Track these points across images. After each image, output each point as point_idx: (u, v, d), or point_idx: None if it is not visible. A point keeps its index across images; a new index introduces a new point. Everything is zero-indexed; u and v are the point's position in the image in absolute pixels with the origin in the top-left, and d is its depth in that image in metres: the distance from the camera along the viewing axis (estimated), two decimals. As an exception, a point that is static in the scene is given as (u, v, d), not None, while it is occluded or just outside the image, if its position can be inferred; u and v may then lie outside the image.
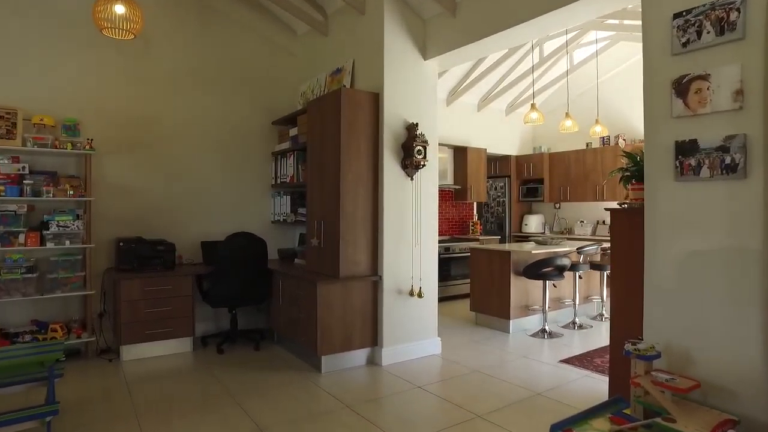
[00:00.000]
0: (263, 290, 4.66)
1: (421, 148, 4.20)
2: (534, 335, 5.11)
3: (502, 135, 8.60)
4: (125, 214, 4.61)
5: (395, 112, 4.22)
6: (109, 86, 4.55)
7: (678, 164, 2.54)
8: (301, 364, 4.14)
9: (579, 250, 5.36)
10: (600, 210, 7.87)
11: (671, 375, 2.43)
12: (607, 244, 5.99)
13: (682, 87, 2.51)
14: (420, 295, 4.26)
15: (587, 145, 7.87)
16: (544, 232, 8.41)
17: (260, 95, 5.48)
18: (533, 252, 5.01)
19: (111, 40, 4.41)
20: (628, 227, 3.04)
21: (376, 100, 4.18)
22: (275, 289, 4.62)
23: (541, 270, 4.96)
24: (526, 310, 5.35)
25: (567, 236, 7.74)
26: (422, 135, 4.23)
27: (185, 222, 4.97)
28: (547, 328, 5.13)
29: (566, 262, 4.97)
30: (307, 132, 4.60)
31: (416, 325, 4.34)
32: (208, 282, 4.56)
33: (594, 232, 7.82)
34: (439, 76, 6.69)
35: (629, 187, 3.18)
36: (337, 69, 4.84)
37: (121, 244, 4.26)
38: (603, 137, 7.63)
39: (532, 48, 6.64)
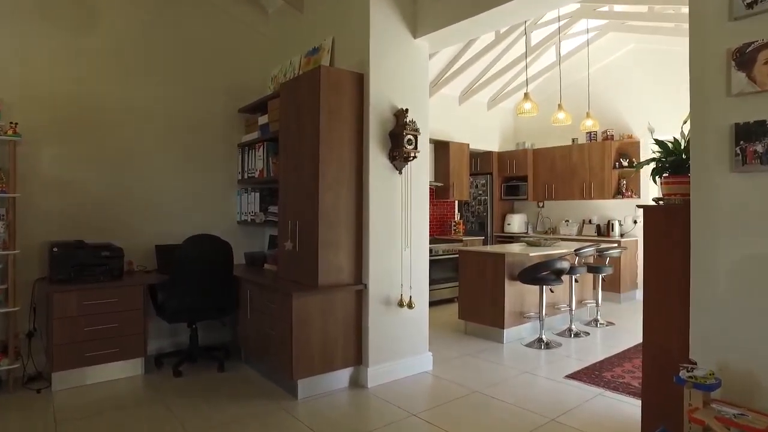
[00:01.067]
0: (228, 301, 4.04)
1: (411, 137, 3.68)
2: (530, 345, 4.67)
3: (484, 130, 8.18)
4: (61, 214, 3.91)
5: (382, 95, 3.68)
6: (43, 63, 3.84)
7: (738, 151, 2.09)
8: (274, 389, 3.54)
9: (577, 252, 4.95)
10: (586, 209, 7.54)
11: (739, 409, 1.98)
12: (605, 245, 5.62)
13: (745, 58, 2.07)
14: (410, 306, 3.73)
15: (573, 141, 7.52)
16: (527, 232, 8.03)
17: (225, 80, 4.84)
18: (531, 255, 4.56)
19: (46, 8, 3.71)
20: (665, 227, 2.60)
21: (360, 81, 3.63)
22: (243, 299, 4.01)
23: (538, 274, 4.52)
24: (521, 317, 4.90)
25: (553, 237, 7.37)
26: (413, 122, 3.70)
27: (137, 223, 4.30)
28: (544, 337, 4.69)
29: (565, 265, 4.55)
30: (279, 119, 4.01)
31: (406, 340, 3.81)
32: (164, 293, 3.91)
33: (580, 232, 7.48)
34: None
35: (661, 180, 2.75)
36: (313, 48, 4.27)
37: (55, 249, 3.57)
38: (590, 133, 7.29)
39: (525, 31, 6.22)
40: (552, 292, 5.04)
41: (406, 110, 3.70)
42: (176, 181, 4.53)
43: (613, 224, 6.96)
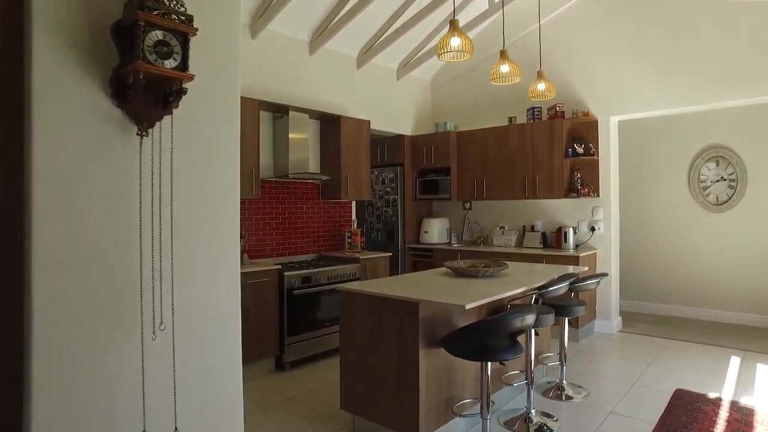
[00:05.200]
0: None
1: (167, 37, 1.37)
2: (465, 464, 2.55)
3: (393, 106, 6.05)
4: None
5: None
6: None
7: None
8: None
9: (542, 293, 2.90)
10: (528, 211, 5.64)
11: None
12: (584, 269, 3.64)
13: None
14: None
15: (510, 120, 5.59)
16: (449, 242, 6.02)
17: None
18: (468, 307, 2.39)
19: None
20: None
21: None
22: None
23: (485, 341, 2.40)
24: (447, 409, 2.77)
25: (484, 248, 5.39)
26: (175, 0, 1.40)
27: None
28: (489, 449, 2.59)
29: (529, 321, 2.45)
30: None
31: None
32: None
33: (520, 243, 5.57)
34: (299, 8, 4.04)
35: None
36: None
37: None
38: (532, 109, 5.39)
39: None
40: (503, 365, 2.96)
41: (159, -33, 1.38)
42: None
43: (565, 232, 5.09)
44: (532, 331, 3.00)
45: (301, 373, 4.09)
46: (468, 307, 2.33)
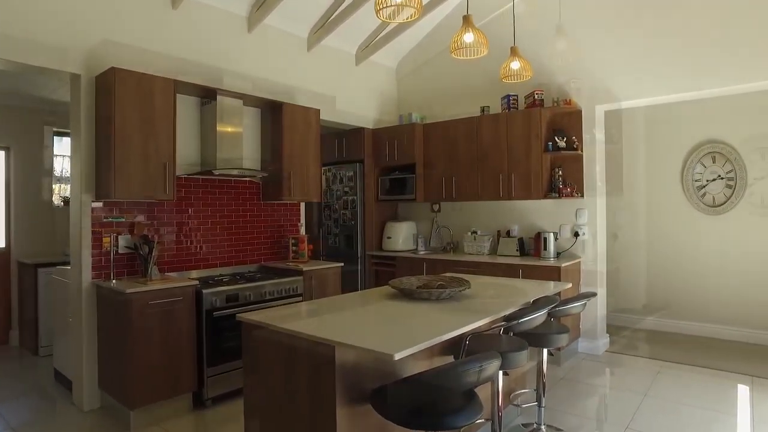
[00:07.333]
0: None
1: None
2: None
3: (352, 95, 5.33)
4: None
5: None
6: None
7: None
8: None
9: (509, 325, 2.19)
10: (504, 213, 4.96)
11: None
12: (567, 286, 2.94)
13: None
14: None
15: (483, 111, 4.91)
16: (416, 249, 5.31)
17: None
18: (396, 357, 1.65)
19: None
20: None
21: None
22: None
23: (426, 400, 1.68)
24: (385, 483, 2.05)
25: (453, 256, 4.69)
26: None
27: None
28: None
29: (491, 371, 1.74)
30: None
31: None
32: None
33: (494, 249, 4.88)
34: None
35: None
36: None
37: None
38: (507, 96, 4.71)
39: None
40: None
41: None
42: None
43: (545, 238, 4.41)
44: (500, 374, 2.30)
45: (224, 410, 3.34)
46: (397, 357, 1.60)
